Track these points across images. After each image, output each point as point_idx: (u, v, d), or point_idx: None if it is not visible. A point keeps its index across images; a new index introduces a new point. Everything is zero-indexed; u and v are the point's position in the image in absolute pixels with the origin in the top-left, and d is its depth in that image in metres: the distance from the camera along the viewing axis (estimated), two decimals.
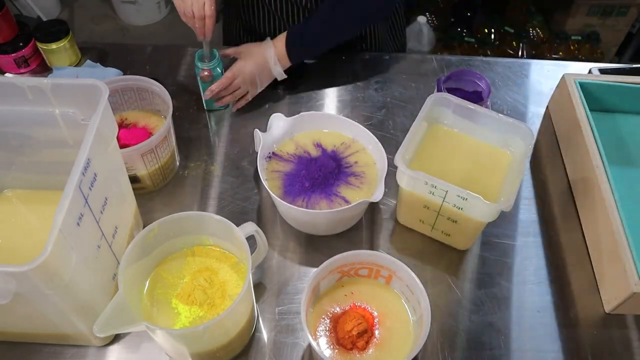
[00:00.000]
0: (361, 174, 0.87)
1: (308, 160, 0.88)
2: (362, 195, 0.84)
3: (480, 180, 0.82)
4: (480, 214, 0.75)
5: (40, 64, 1.10)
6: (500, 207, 0.72)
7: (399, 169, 0.76)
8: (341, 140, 0.91)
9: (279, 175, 0.87)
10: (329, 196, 0.84)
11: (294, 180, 0.86)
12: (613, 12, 2.12)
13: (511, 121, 0.82)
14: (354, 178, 0.86)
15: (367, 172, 0.87)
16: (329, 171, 0.85)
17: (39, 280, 0.53)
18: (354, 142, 0.91)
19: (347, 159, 0.89)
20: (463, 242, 0.85)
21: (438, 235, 0.86)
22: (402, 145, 0.78)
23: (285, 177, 0.87)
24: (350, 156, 0.89)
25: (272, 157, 0.89)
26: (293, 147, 0.91)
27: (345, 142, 0.91)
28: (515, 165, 0.81)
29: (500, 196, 0.77)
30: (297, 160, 0.89)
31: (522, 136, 0.81)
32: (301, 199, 0.84)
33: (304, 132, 0.92)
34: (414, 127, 0.81)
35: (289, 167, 0.88)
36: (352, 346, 0.69)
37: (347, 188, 0.85)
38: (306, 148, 0.90)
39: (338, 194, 0.84)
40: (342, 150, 0.90)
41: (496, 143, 0.85)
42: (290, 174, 0.87)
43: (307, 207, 0.82)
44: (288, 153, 0.90)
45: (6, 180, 0.82)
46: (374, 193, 0.79)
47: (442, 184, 0.74)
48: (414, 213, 0.84)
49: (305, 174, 0.86)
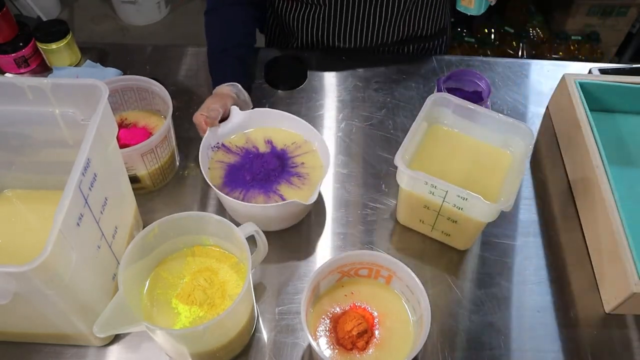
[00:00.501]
0: (305, 175, 0.86)
1: (254, 155, 0.89)
2: (300, 195, 0.83)
3: (480, 180, 0.82)
4: (480, 214, 0.75)
5: (40, 64, 1.10)
6: (500, 207, 0.72)
7: (398, 169, 0.76)
8: (293, 140, 0.91)
9: (222, 165, 0.88)
10: (267, 192, 0.84)
11: (236, 172, 0.87)
12: (613, 12, 2.12)
13: (511, 121, 0.82)
14: (297, 178, 0.86)
15: (312, 175, 0.87)
16: (271, 168, 0.86)
17: (39, 280, 0.53)
18: (305, 143, 0.90)
19: (294, 159, 0.89)
20: (463, 242, 0.85)
21: (438, 236, 0.86)
22: (402, 145, 0.78)
23: (227, 168, 0.87)
24: (299, 157, 0.89)
25: (220, 147, 0.90)
26: (244, 140, 0.91)
27: (297, 142, 0.91)
28: (515, 165, 0.81)
29: (500, 196, 0.77)
30: (244, 154, 0.89)
31: (522, 136, 0.81)
32: (239, 191, 0.84)
33: (258, 128, 0.92)
34: (413, 127, 0.81)
35: (233, 159, 0.89)
36: (352, 346, 0.69)
37: (287, 187, 0.85)
38: (256, 143, 0.91)
39: (277, 192, 0.84)
40: (292, 149, 0.90)
41: (496, 143, 0.85)
42: (233, 165, 0.88)
43: (243, 199, 0.83)
44: (237, 146, 0.90)
45: (6, 180, 0.82)
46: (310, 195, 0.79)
47: (442, 184, 0.74)
48: (414, 213, 0.84)
49: (247, 168, 0.86)
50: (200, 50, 1.16)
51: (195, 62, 1.13)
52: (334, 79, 1.12)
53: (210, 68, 1.01)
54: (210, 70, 1.01)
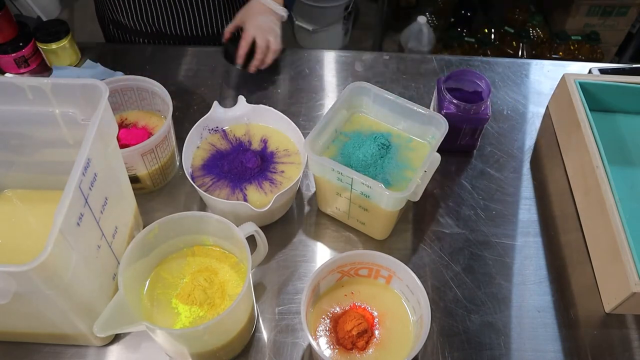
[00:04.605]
0: (277, 184, 0.85)
1: (243, 149, 0.89)
2: (263, 201, 0.82)
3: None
4: (385, 202, 0.76)
5: (40, 64, 1.10)
6: (401, 196, 0.73)
7: (307, 155, 0.78)
8: (286, 147, 0.90)
9: (211, 149, 0.89)
10: (234, 187, 0.84)
11: (219, 159, 0.87)
12: (613, 12, 2.12)
13: (427, 113, 0.82)
14: (269, 184, 0.85)
15: (284, 186, 0.84)
16: (250, 167, 0.85)
17: (39, 280, 0.53)
18: (296, 155, 0.89)
19: (277, 165, 0.88)
20: (379, 232, 0.86)
21: (354, 224, 0.87)
22: (312, 131, 0.80)
23: (215, 153, 0.88)
24: (282, 164, 0.88)
25: (218, 131, 0.91)
26: (243, 131, 0.91)
27: (289, 150, 0.90)
28: (426, 156, 0.80)
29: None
30: (237, 145, 0.90)
31: (438, 127, 0.82)
32: (210, 177, 0.85)
33: (261, 124, 0.92)
34: (327, 114, 0.82)
35: (224, 147, 0.89)
36: (352, 346, 0.69)
37: (255, 189, 0.84)
38: (252, 138, 0.91)
39: (242, 190, 0.84)
40: (280, 155, 0.89)
41: (415, 133, 0.86)
42: (221, 152, 0.88)
43: (210, 186, 0.84)
44: (235, 135, 0.91)
45: (6, 180, 0.82)
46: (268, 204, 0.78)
47: (347, 171, 0.75)
48: (330, 201, 0.85)
49: (230, 159, 0.86)
50: (201, 50, 1.16)
51: (195, 62, 1.13)
52: (334, 79, 1.12)
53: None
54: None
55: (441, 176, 0.95)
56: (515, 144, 1.01)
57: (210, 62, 1.13)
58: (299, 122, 1.00)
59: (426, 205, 0.92)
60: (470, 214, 0.91)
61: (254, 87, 1.09)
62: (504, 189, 0.94)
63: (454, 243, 0.87)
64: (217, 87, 1.09)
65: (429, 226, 0.89)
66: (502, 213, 0.91)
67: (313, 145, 0.80)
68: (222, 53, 1.09)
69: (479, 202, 0.92)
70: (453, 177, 0.96)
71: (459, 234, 0.88)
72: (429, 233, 0.88)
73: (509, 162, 0.98)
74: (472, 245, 0.87)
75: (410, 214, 0.91)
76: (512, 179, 0.96)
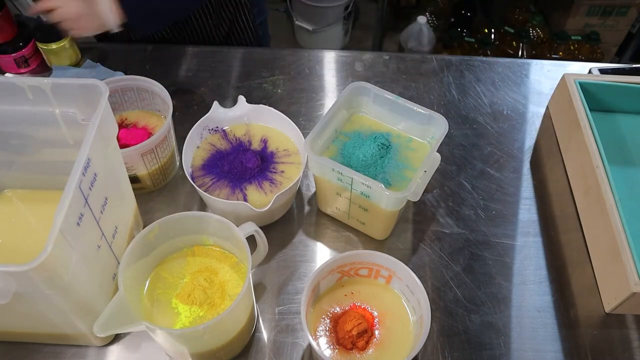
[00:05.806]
0: (277, 184, 0.85)
1: (244, 149, 0.89)
2: (263, 201, 0.82)
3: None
4: (385, 202, 0.76)
5: (40, 64, 1.10)
6: (401, 196, 0.73)
7: (307, 155, 0.77)
8: (286, 147, 0.90)
9: (212, 149, 0.89)
10: (234, 187, 0.84)
11: (220, 159, 0.87)
12: (613, 12, 2.12)
13: (427, 113, 0.82)
14: (269, 184, 0.85)
15: (284, 186, 0.84)
16: (250, 167, 0.85)
17: (39, 280, 0.53)
18: (296, 155, 0.89)
19: (277, 164, 0.87)
20: (378, 232, 0.85)
21: (354, 224, 0.87)
22: (312, 131, 0.80)
23: (215, 153, 0.88)
24: (282, 164, 0.87)
25: (218, 131, 0.90)
26: (243, 131, 0.91)
27: (289, 150, 0.89)
28: (426, 156, 0.80)
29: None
30: (237, 145, 0.89)
31: (438, 127, 0.82)
32: (210, 177, 0.85)
33: (261, 124, 0.92)
34: (327, 114, 0.82)
35: (224, 147, 0.89)
36: (352, 346, 0.69)
37: (255, 189, 0.84)
38: (252, 138, 0.91)
39: (243, 190, 0.84)
40: (280, 155, 0.89)
41: (415, 133, 0.86)
42: (221, 152, 0.88)
43: (210, 186, 0.84)
44: (235, 135, 0.91)
45: (6, 180, 0.82)
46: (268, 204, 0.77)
47: (347, 171, 0.75)
48: (329, 200, 0.85)
49: (230, 159, 0.86)
50: (201, 50, 1.16)
51: (195, 62, 1.13)
52: (334, 79, 1.12)
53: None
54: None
55: (441, 176, 0.96)
56: (515, 144, 1.01)
57: (210, 62, 1.13)
58: (299, 122, 1.00)
59: (426, 205, 0.92)
60: (470, 214, 0.91)
61: (254, 87, 1.09)
62: (504, 189, 0.94)
63: (454, 243, 0.87)
64: (217, 87, 1.09)
65: (429, 226, 0.89)
66: (502, 213, 0.91)
67: (313, 145, 0.80)
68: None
69: (479, 202, 0.92)
70: (453, 177, 0.96)
71: (459, 234, 0.88)
72: (429, 233, 0.88)
73: (509, 162, 0.98)
74: (472, 245, 0.87)
75: (410, 214, 0.91)
76: (512, 179, 0.96)
